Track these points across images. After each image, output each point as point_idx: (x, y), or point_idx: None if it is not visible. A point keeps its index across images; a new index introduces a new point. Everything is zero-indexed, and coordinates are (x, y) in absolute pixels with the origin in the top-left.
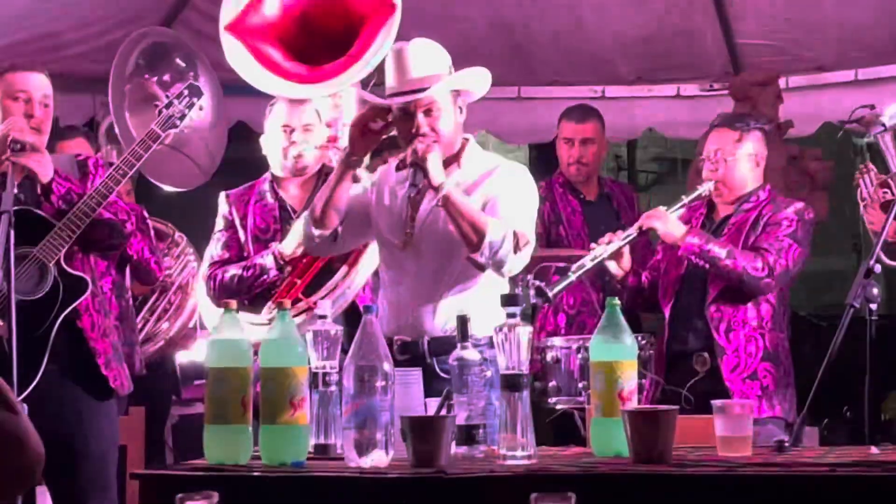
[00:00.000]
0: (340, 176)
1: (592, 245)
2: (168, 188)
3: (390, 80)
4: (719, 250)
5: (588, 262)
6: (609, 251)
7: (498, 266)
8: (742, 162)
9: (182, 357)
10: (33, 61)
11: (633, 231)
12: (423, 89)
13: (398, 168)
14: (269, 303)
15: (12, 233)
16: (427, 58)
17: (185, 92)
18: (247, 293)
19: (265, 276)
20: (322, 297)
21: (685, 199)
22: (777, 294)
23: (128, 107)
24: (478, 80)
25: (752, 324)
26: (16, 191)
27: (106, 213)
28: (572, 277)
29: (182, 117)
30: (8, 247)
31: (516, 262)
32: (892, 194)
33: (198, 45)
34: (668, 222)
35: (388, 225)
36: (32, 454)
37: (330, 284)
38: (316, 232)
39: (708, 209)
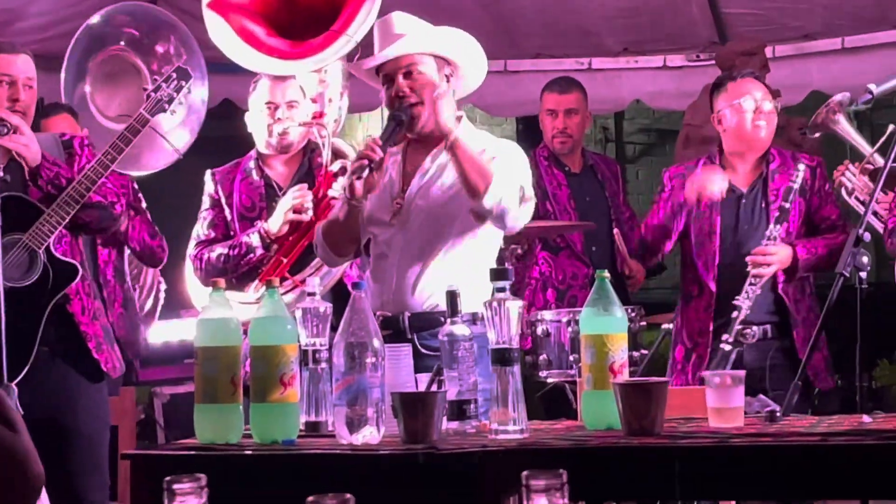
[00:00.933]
0: (347, 216)
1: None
2: (136, 173)
3: (376, 52)
4: (824, 251)
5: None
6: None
7: (501, 215)
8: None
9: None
10: (15, 43)
11: (765, 276)
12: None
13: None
14: (256, 281)
15: None
16: (407, 21)
17: (174, 75)
18: (233, 272)
19: (251, 255)
20: (309, 275)
21: (796, 185)
22: None
23: (90, 81)
24: (456, 42)
25: (807, 291)
26: (1, 174)
27: (95, 195)
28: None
29: (171, 101)
30: None
31: (521, 214)
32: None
33: (183, 22)
34: (780, 258)
35: (378, 202)
36: (32, 475)
37: (316, 262)
38: (341, 260)
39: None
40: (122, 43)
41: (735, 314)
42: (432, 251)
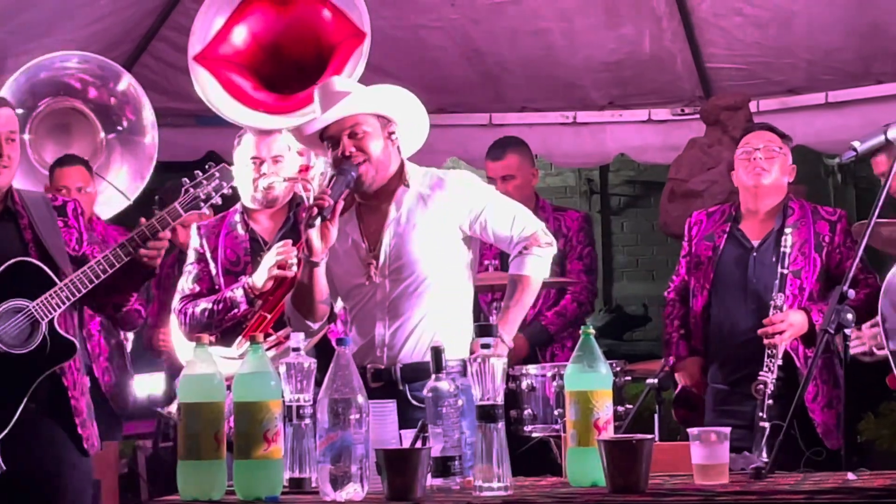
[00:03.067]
0: (311, 277)
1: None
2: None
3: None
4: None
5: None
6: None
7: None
8: (784, 161)
9: None
10: None
11: (780, 346)
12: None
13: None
14: (241, 337)
15: None
16: (348, 84)
17: (216, 174)
18: (217, 327)
19: (236, 310)
20: (293, 331)
21: (787, 249)
22: None
23: (33, 129)
24: (397, 100)
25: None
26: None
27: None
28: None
29: (207, 200)
30: None
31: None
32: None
33: (167, 75)
34: (794, 326)
35: (348, 267)
36: None
37: None
38: (315, 325)
39: (732, 222)
40: (61, 94)
41: (760, 388)
42: (416, 300)
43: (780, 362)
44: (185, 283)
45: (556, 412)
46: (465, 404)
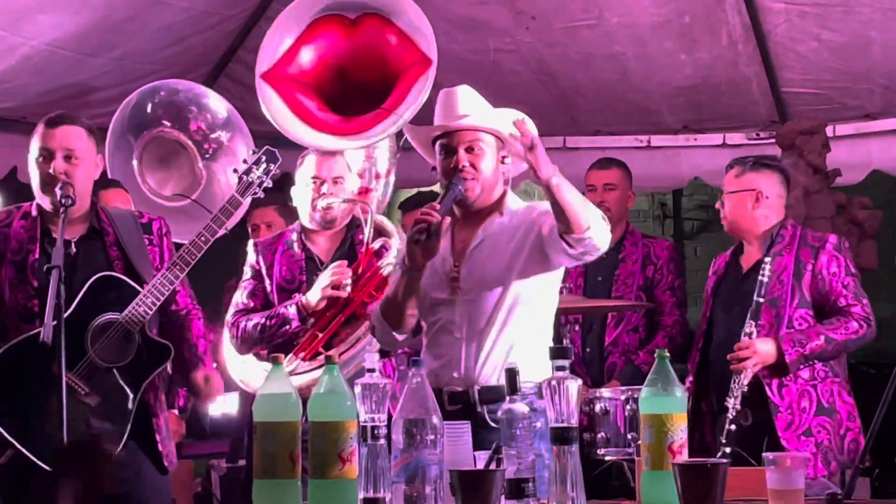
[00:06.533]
0: (407, 287)
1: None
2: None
3: (437, 121)
4: (817, 343)
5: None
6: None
7: (592, 249)
8: (739, 197)
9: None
10: (66, 115)
11: (744, 372)
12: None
13: None
14: (291, 354)
15: (62, 287)
16: (473, 98)
17: (263, 157)
18: (269, 342)
19: (287, 327)
20: (342, 352)
21: (765, 278)
22: None
23: (138, 161)
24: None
25: (803, 377)
26: (73, 249)
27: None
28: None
29: (261, 184)
30: (59, 303)
31: (606, 231)
32: None
33: (244, 97)
34: (759, 354)
35: (433, 281)
36: None
37: (352, 339)
38: (400, 337)
39: (734, 253)
40: (164, 122)
41: (725, 415)
42: (496, 322)
43: (744, 389)
44: (240, 297)
45: (629, 436)
46: (543, 426)
